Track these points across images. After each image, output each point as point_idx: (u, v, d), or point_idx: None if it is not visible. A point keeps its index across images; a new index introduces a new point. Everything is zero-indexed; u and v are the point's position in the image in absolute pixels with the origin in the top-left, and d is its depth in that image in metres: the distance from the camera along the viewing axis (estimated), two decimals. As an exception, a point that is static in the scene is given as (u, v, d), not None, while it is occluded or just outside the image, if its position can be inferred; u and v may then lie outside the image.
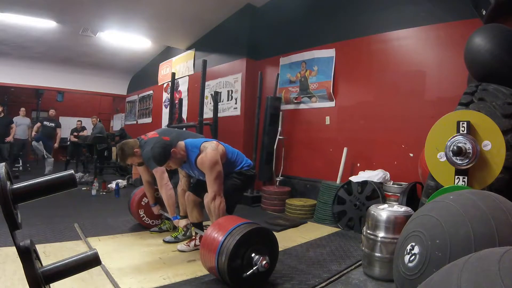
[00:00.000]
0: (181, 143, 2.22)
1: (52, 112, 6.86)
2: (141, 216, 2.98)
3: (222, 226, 1.84)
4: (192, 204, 2.44)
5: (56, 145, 6.82)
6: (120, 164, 2.59)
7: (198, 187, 2.41)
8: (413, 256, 1.19)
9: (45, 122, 6.60)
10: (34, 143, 6.43)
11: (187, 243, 2.50)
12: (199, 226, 2.51)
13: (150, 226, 2.99)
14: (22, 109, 6.81)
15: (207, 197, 2.15)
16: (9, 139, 6.35)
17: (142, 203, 2.98)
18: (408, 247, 1.24)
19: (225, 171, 2.20)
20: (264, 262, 1.71)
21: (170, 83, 4.76)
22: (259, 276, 1.78)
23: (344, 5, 3.95)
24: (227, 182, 2.24)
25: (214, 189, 2.10)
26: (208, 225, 1.95)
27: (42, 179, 0.84)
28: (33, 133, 6.58)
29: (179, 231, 2.70)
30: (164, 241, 2.64)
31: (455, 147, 1.62)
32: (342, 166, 3.59)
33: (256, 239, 1.79)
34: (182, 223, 2.46)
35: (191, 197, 2.42)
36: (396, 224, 1.93)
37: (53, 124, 6.69)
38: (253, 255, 1.73)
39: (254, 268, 1.71)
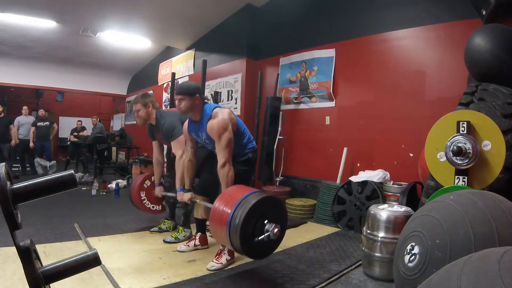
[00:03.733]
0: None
1: (41, 112, 6.81)
2: (142, 199, 2.93)
3: (232, 196, 1.81)
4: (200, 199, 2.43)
5: (51, 136, 6.74)
6: (133, 102, 2.66)
7: (206, 188, 2.41)
8: (413, 256, 1.19)
9: (38, 124, 6.52)
10: (36, 160, 6.36)
11: (186, 243, 2.50)
12: (202, 223, 2.50)
13: (150, 211, 2.98)
14: (25, 107, 6.76)
15: (218, 164, 2.10)
16: (14, 142, 6.32)
17: (144, 185, 2.95)
18: (408, 247, 1.24)
19: (234, 143, 2.17)
20: (276, 230, 1.70)
21: (170, 83, 4.75)
22: (269, 245, 1.78)
23: (344, 5, 3.95)
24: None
25: (224, 156, 2.06)
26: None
27: (42, 179, 0.84)
28: (31, 143, 6.46)
29: (179, 231, 2.70)
30: (164, 241, 2.64)
31: (455, 147, 1.62)
32: (342, 166, 3.59)
33: (267, 208, 1.78)
34: (186, 196, 2.38)
35: (200, 196, 2.40)
36: (396, 224, 1.93)
37: (47, 123, 6.65)
38: (265, 221, 1.73)
39: (265, 235, 1.70)
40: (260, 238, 1.70)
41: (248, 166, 2.32)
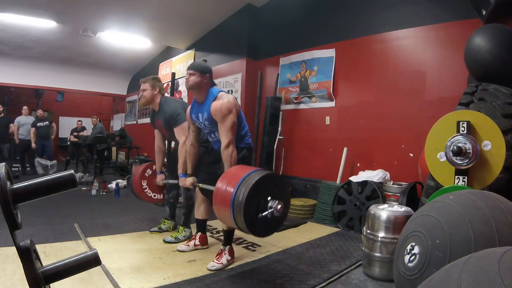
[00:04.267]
0: None
1: (40, 112, 6.86)
2: (143, 187, 2.92)
3: (235, 175, 1.80)
4: (201, 200, 2.43)
5: (52, 135, 6.79)
6: (141, 81, 2.69)
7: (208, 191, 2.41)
8: (413, 256, 1.19)
9: (38, 124, 6.54)
10: (37, 159, 6.39)
11: (186, 243, 2.50)
12: (203, 223, 2.50)
13: (151, 200, 2.97)
14: (25, 107, 6.76)
15: (222, 145, 2.09)
16: (17, 141, 6.35)
17: (146, 174, 2.95)
18: (408, 247, 1.24)
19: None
20: (279, 206, 1.69)
21: (170, 83, 4.75)
22: (273, 222, 1.77)
23: (344, 5, 3.95)
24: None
25: (228, 137, 2.06)
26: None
27: (42, 179, 0.84)
28: (33, 144, 6.47)
29: (180, 231, 2.70)
30: (164, 241, 2.64)
31: (455, 147, 1.62)
32: (342, 166, 3.59)
33: (270, 185, 1.77)
34: (188, 180, 2.36)
35: (201, 195, 2.40)
36: (396, 224, 1.93)
37: (47, 122, 6.68)
38: (269, 198, 1.71)
39: (269, 211, 1.69)
40: (264, 214, 1.68)
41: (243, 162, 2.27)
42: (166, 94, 2.91)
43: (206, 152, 2.48)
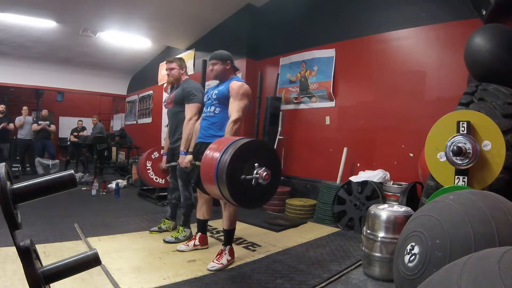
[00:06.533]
0: None
1: (45, 112, 7.05)
2: (147, 168, 3.03)
3: (224, 140, 1.75)
4: (203, 200, 2.43)
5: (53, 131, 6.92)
6: (168, 61, 2.81)
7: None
8: (413, 256, 1.19)
9: (39, 123, 6.63)
10: (37, 159, 6.42)
11: (186, 243, 2.50)
12: (203, 223, 2.50)
13: (153, 183, 3.10)
14: (25, 108, 6.77)
15: (231, 118, 2.10)
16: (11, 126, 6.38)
17: (152, 156, 3.07)
18: (408, 247, 1.24)
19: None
20: (265, 173, 1.59)
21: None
22: (259, 191, 1.65)
23: (344, 5, 3.95)
24: None
25: (239, 114, 2.10)
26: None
27: (42, 179, 0.84)
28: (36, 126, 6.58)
29: (180, 231, 2.70)
30: (164, 241, 2.64)
31: (455, 147, 1.62)
32: (342, 166, 3.59)
33: (258, 152, 1.69)
34: (187, 158, 2.33)
35: (204, 194, 2.40)
36: (396, 224, 1.94)
37: (47, 122, 6.77)
38: (256, 164, 1.61)
39: (254, 175, 1.59)
40: (247, 177, 1.58)
41: None
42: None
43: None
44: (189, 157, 2.32)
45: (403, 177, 3.13)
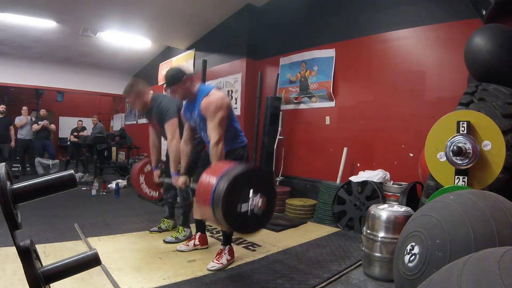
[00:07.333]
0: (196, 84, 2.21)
1: (43, 111, 7.04)
2: (140, 182, 2.93)
3: (219, 167, 1.74)
4: None
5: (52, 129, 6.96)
6: (124, 93, 2.64)
7: None
8: (413, 256, 1.19)
9: (39, 123, 6.63)
10: (37, 159, 6.42)
11: (186, 243, 2.50)
12: (202, 223, 2.50)
13: (147, 196, 2.99)
14: (24, 108, 6.77)
15: (211, 141, 2.04)
16: (12, 143, 6.37)
17: (145, 170, 2.96)
18: (408, 247, 1.24)
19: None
20: (260, 203, 1.61)
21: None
22: (256, 218, 1.66)
23: (344, 5, 3.95)
24: None
25: (218, 133, 2.01)
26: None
27: (42, 179, 0.84)
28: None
29: (179, 231, 2.70)
30: (164, 241, 2.64)
31: (455, 147, 1.62)
32: (342, 166, 3.59)
33: (254, 180, 1.69)
34: (181, 179, 2.33)
35: None
36: (396, 224, 1.94)
37: (47, 121, 6.78)
38: (251, 192, 1.62)
39: (249, 204, 1.60)
40: (243, 210, 1.59)
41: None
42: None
43: (198, 156, 2.47)
44: (183, 178, 2.32)
45: (403, 177, 3.13)
